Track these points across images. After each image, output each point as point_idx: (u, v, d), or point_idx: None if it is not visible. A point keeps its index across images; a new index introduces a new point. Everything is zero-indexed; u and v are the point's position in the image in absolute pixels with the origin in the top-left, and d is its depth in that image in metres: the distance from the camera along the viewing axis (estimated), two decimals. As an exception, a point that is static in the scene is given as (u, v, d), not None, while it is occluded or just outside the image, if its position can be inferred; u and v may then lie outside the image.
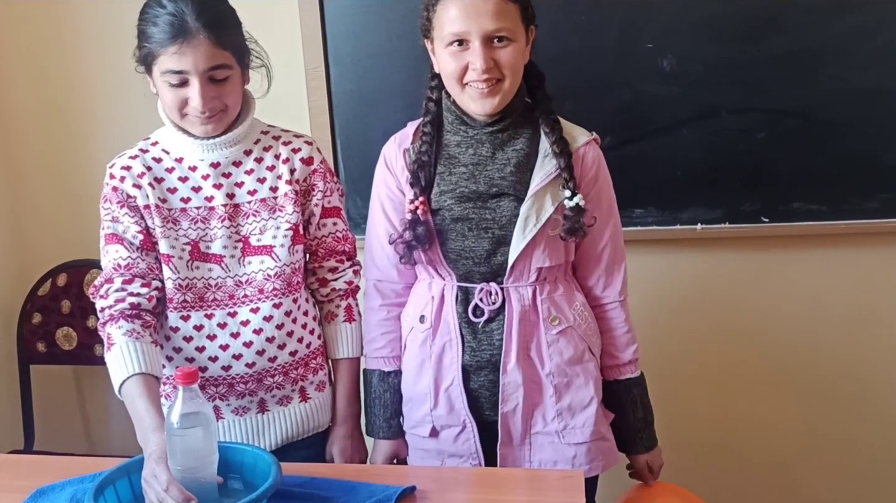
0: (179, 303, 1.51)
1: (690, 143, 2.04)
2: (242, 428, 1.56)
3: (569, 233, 1.48)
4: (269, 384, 1.56)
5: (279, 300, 1.54)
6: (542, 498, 1.33)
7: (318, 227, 1.60)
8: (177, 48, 1.39)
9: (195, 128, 1.49)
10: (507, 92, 1.45)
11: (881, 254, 2.09)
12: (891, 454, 2.20)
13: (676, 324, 2.20)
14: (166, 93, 1.44)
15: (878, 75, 1.95)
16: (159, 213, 1.50)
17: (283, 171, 1.55)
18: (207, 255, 1.51)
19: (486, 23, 1.39)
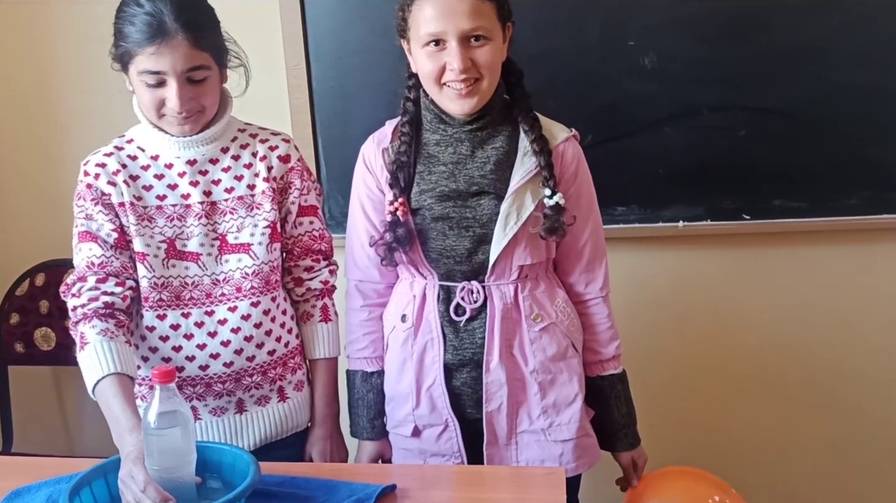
0: (155, 301, 1.49)
1: (672, 141, 2.04)
2: (220, 428, 1.55)
3: (549, 232, 1.47)
4: (248, 384, 1.55)
5: (257, 298, 1.52)
6: (524, 495, 1.33)
7: (295, 225, 1.59)
8: (154, 49, 1.37)
9: (172, 127, 1.48)
10: (485, 91, 1.45)
11: (862, 250, 2.10)
12: (873, 450, 2.21)
13: (658, 321, 2.21)
14: (143, 92, 1.43)
15: (859, 73, 1.96)
16: (134, 210, 1.49)
17: (260, 169, 1.54)
18: (184, 253, 1.50)
19: (463, 22, 1.38)
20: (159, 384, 1.19)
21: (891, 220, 2.04)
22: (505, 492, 1.34)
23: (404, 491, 1.32)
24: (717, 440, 2.25)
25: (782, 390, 2.20)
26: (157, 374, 1.18)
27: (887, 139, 2.00)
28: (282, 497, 1.30)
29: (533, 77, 1.54)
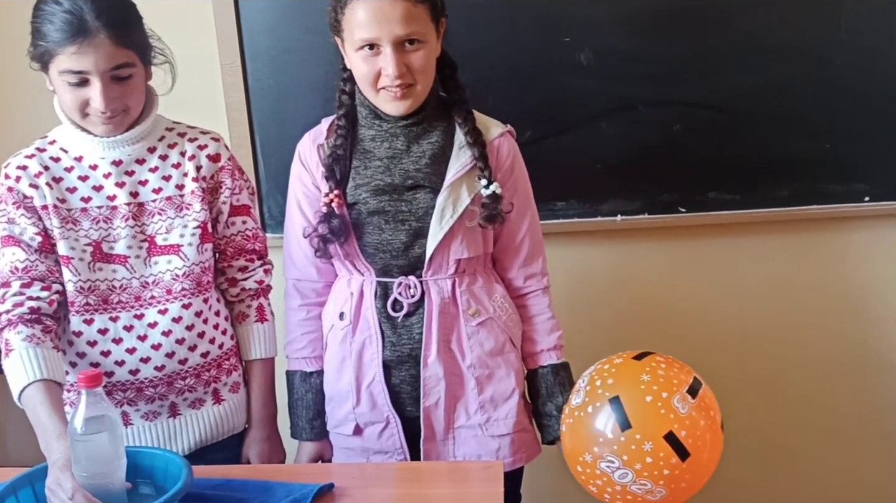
0: (82, 306, 1.46)
1: (609, 136, 2.06)
2: (153, 433, 1.52)
3: (488, 220, 1.49)
4: (180, 387, 1.52)
5: (188, 300, 1.50)
6: (463, 489, 1.34)
7: (227, 225, 1.57)
8: (76, 48, 1.34)
9: (96, 128, 1.44)
10: (419, 94, 1.45)
11: (791, 240, 2.15)
12: (804, 431, 2.27)
13: (598, 314, 2.23)
14: (65, 93, 1.39)
15: (784, 68, 2.00)
16: (57, 213, 1.45)
17: (189, 169, 1.52)
18: (111, 256, 1.47)
19: (396, 28, 1.38)
20: (85, 389, 1.16)
21: (820, 210, 2.09)
22: (443, 487, 1.35)
23: (342, 489, 1.31)
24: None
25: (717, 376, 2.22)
26: (83, 379, 1.16)
27: (814, 132, 2.05)
28: (217, 500, 1.28)
29: (470, 74, 1.55)
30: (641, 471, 1.23)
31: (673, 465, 1.23)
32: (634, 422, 1.23)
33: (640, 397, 1.25)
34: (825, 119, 2.04)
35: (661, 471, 1.23)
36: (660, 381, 1.26)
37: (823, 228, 2.14)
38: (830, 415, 2.25)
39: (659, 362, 1.31)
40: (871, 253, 2.17)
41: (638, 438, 1.22)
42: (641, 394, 1.26)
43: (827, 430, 2.26)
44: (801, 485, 2.30)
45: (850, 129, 2.05)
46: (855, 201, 2.09)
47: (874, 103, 2.03)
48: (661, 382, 1.26)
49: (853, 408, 2.25)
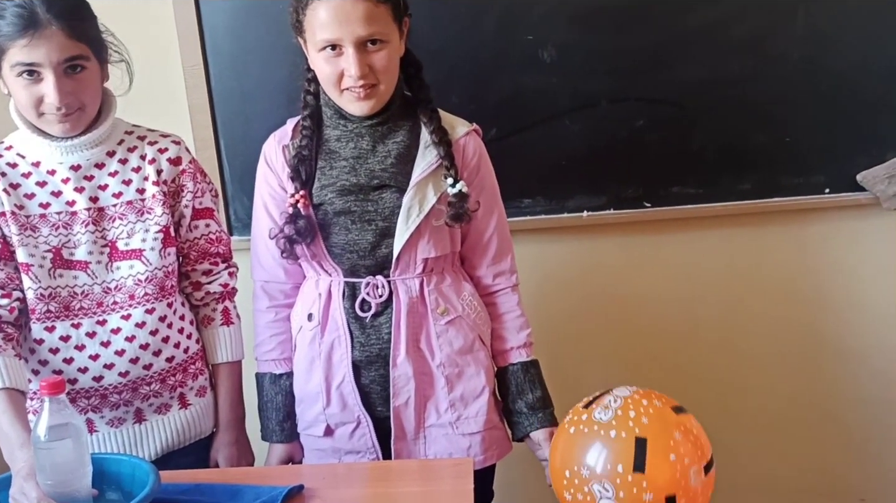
0: (42, 313, 1.44)
1: (573, 133, 2.07)
2: (119, 440, 1.51)
3: (454, 219, 1.49)
4: (146, 393, 1.51)
5: (152, 305, 1.49)
6: (433, 487, 1.34)
7: (190, 229, 1.56)
8: (27, 41, 1.32)
9: (52, 127, 1.42)
10: (383, 93, 1.45)
11: (753, 233, 2.18)
12: (765, 421, 2.30)
13: (566, 310, 2.25)
14: (19, 91, 1.37)
15: (741, 62, 2.03)
16: (16, 220, 1.42)
17: (149, 172, 1.50)
18: (71, 262, 1.45)
19: (358, 28, 1.38)
20: (48, 396, 1.15)
21: (780, 203, 2.13)
22: (413, 485, 1.35)
23: (312, 490, 1.32)
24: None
25: (682, 368, 2.27)
26: (45, 386, 1.15)
27: (773, 125, 2.08)
28: (185, 504, 1.28)
29: (433, 72, 1.55)
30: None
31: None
32: (649, 470, 1.24)
33: (666, 452, 1.25)
34: (784, 112, 2.07)
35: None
36: (688, 447, 1.28)
37: (784, 221, 2.17)
38: (790, 405, 2.29)
39: (692, 425, 1.33)
40: (830, 244, 2.20)
41: (644, 485, 1.23)
42: (668, 450, 1.26)
43: (787, 420, 2.30)
44: (759, 470, 2.33)
45: (809, 122, 2.08)
46: (814, 193, 2.13)
47: (832, 96, 2.06)
48: (689, 448, 1.28)
49: (812, 398, 2.29)
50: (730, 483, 2.33)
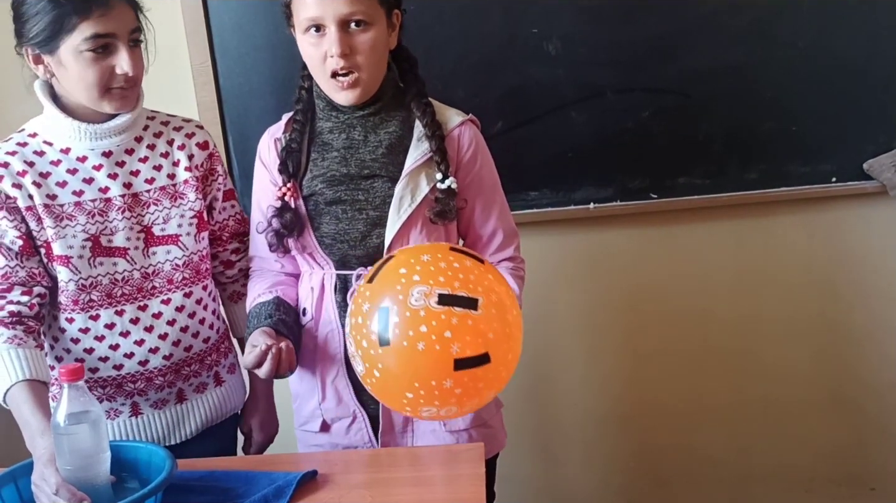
0: (86, 303, 1.45)
1: (579, 124, 2.08)
2: (162, 420, 1.54)
3: (438, 215, 1.46)
4: (187, 373, 1.54)
5: (189, 289, 1.52)
6: (447, 471, 1.34)
7: (221, 210, 1.60)
8: (102, 11, 1.33)
9: (114, 104, 1.41)
10: (367, 83, 1.44)
11: (761, 222, 2.19)
12: (777, 409, 2.31)
13: (574, 301, 2.26)
14: (86, 67, 1.36)
15: (747, 51, 2.04)
16: (49, 212, 1.42)
17: (179, 157, 1.52)
18: (111, 250, 1.45)
19: (340, 6, 1.37)
20: (67, 382, 1.17)
21: (788, 192, 2.13)
22: (426, 470, 1.36)
23: (326, 476, 1.32)
24: (632, 409, 2.32)
25: (692, 357, 2.28)
26: (64, 373, 1.16)
27: (780, 114, 2.08)
28: (201, 491, 1.29)
29: (439, 66, 1.55)
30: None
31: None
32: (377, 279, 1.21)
33: (395, 267, 1.20)
34: (791, 101, 2.08)
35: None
36: (427, 267, 1.17)
37: (791, 210, 2.18)
38: (801, 393, 2.29)
39: (455, 258, 1.20)
40: (838, 233, 2.20)
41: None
42: (397, 265, 1.21)
43: (798, 408, 2.30)
44: (771, 457, 2.34)
45: (816, 111, 2.08)
46: (822, 182, 2.13)
47: (839, 84, 2.06)
48: (428, 269, 1.17)
49: (822, 386, 2.29)
50: (741, 470, 2.35)
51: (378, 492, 1.28)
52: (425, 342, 1.12)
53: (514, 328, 1.20)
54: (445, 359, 1.13)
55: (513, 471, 1.88)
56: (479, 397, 1.20)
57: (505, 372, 1.20)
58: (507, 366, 1.20)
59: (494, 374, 1.17)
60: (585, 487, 2.37)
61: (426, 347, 1.12)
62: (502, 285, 1.24)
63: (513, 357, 1.21)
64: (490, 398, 1.26)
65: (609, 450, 2.36)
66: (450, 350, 1.12)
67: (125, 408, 1.51)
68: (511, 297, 1.24)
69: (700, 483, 2.36)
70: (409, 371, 1.16)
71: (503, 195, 1.59)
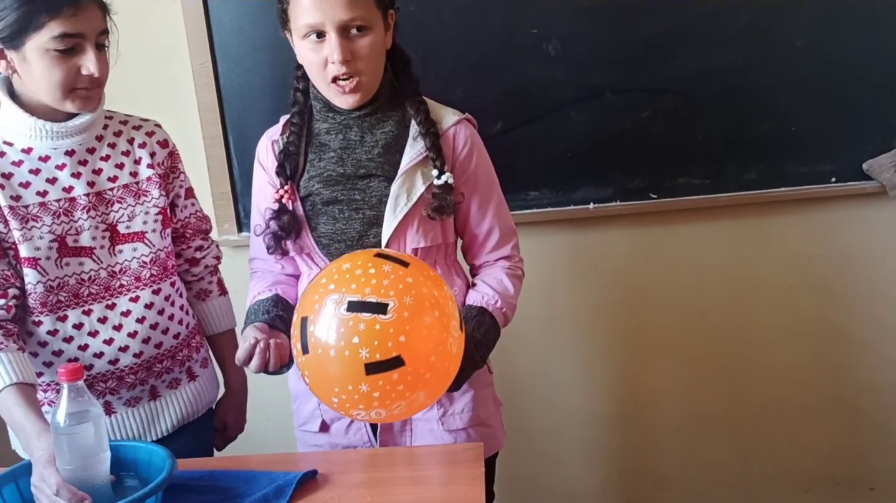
0: (53, 304, 1.44)
1: (578, 125, 2.09)
2: (136, 418, 1.54)
3: (437, 211, 1.46)
4: (159, 370, 1.55)
5: (158, 286, 1.52)
6: (446, 471, 1.35)
7: (182, 208, 1.61)
8: (73, 10, 1.32)
9: (76, 104, 1.39)
10: (367, 86, 1.44)
11: (760, 223, 2.19)
12: (776, 410, 2.31)
13: (573, 301, 2.26)
14: (51, 67, 1.34)
15: (746, 51, 2.04)
16: (14, 214, 1.40)
17: (141, 155, 1.52)
18: (77, 249, 1.45)
19: (340, 13, 1.37)
20: (67, 382, 1.17)
21: (787, 192, 2.14)
22: (425, 469, 1.36)
23: (326, 476, 1.33)
24: (631, 409, 2.33)
25: (690, 358, 2.28)
26: (63, 373, 1.17)
27: (779, 115, 2.09)
28: (202, 490, 1.29)
29: (438, 66, 1.55)
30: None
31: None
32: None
33: (320, 277, 1.24)
34: (790, 101, 2.08)
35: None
36: (344, 276, 1.20)
37: (790, 210, 2.18)
38: (799, 393, 2.30)
39: (374, 263, 1.21)
40: (837, 233, 2.21)
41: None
42: (322, 275, 1.25)
43: (796, 409, 2.31)
44: (770, 458, 2.34)
45: (815, 111, 2.09)
46: (821, 182, 2.13)
47: (838, 84, 2.07)
48: (344, 277, 1.19)
49: (820, 387, 2.29)
50: (741, 471, 2.35)
51: (377, 491, 1.28)
52: (336, 349, 1.16)
53: (436, 330, 1.20)
54: (356, 364, 1.15)
55: (512, 471, 1.88)
56: (405, 400, 1.20)
57: (429, 374, 1.19)
58: (432, 368, 1.19)
59: (414, 377, 1.17)
60: (585, 488, 2.38)
61: (337, 354, 1.16)
62: (429, 287, 1.22)
63: (438, 358, 1.19)
64: (425, 401, 1.25)
65: (608, 450, 2.36)
66: (359, 355, 1.15)
67: None
68: (438, 300, 1.22)
69: (699, 484, 2.36)
70: (326, 377, 1.20)
71: (500, 194, 1.59)
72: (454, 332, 1.23)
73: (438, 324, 1.20)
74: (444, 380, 1.25)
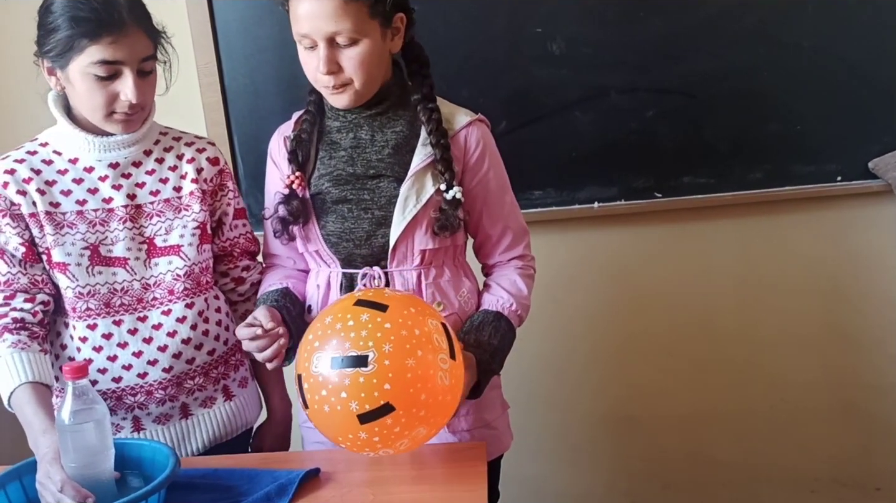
0: (83, 311, 1.45)
1: (583, 124, 2.09)
2: (165, 437, 1.51)
3: (442, 228, 1.46)
4: (190, 387, 1.52)
5: (191, 300, 1.51)
6: (448, 469, 1.35)
7: (231, 227, 1.59)
8: (113, 38, 1.34)
9: (115, 126, 1.42)
10: (360, 91, 1.43)
11: (765, 222, 2.19)
12: (783, 411, 2.30)
13: (578, 301, 2.26)
14: (91, 90, 1.37)
15: (751, 52, 2.04)
16: (50, 219, 1.43)
17: (187, 170, 1.52)
18: (109, 259, 1.46)
19: (325, 25, 1.36)
20: (72, 380, 1.18)
21: (792, 191, 2.13)
22: (428, 468, 1.36)
23: (328, 474, 1.33)
24: (637, 410, 2.32)
25: (696, 358, 2.28)
26: (68, 371, 1.17)
27: (784, 114, 2.08)
28: (205, 489, 1.29)
29: (443, 67, 1.54)
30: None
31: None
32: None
33: (308, 333, 1.28)
34: (795, 101, 2.07)
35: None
36: (326, 331, 1.23)
37: (796, 209, 2.17)
38: (805, 393, 2.29)
39: (353, 313, 1.24)
40: (843, 232, 2.20)
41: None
42: (310, 330, 1.28)
43: (803, 409, 2.30)
44: (777, 459, 2.33)
45: (821, 110, 2.08)
46: (827, 182, 2.13)
47: (843, 84, 2.06)
48: (326, 333, 1.23)
49: (827, 387, 2.29)
50: (747, 472, 2.34)
51: (380, 490, 1.28)
52: (329, 404, 1.20)
53: (422, 369, 1.21)
54: (349, 416, 1.19)
55: (518, 472, 1.88)
56: (406, 438, 1.23)
57: (423, 411, 1.22)
58: (425, 406, 1.21)
59: (409, 418, 1.20)
60: (590, 489, 2.37)
61: (330, 409, 1.20)
62: (409, 328, 1.23)
63: (429, 395, 1.22)
64: (428, 433, 1.27)
65: (614, 451, 2.35)
66: (349, 408, 1.19)
67: (127, 422, 1.49)
68: (420, 339, 1.23)
69: (705, 485, 2.36)
70: (328, 428, 1.26)
71: (512, 194, 1.58)
72: (443, 365, 1.24)
73: (424, 363, 1.22)
74: (441, 412, 1.27)
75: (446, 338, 1.27)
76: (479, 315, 1.49)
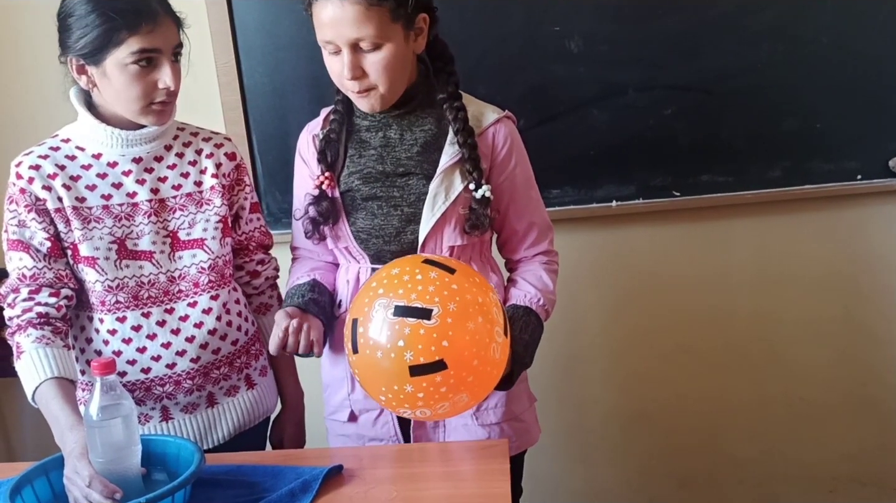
0: (112, 304, 1.47)
1: (600, 122, 2.08)
2: (193, 425, 1.54)
3: (473, 227, 1.47)
4: (216, 376, 1.55)
5: (216, 292, 1.53)
6: (467, 467, 1.35)
7: (247, 221, 1.62)
8: (150, 27, 1.37)
9: (150, 118, 1.45)
10: (385, 95, 1.44)
11: (784, 220, 2.18)
12: (801, 409, 2.30)
13: (596, 299, 2.26)
14: (131, 81, 1.39)
15: (770, 48, 2.03)
16: (78, 214, 1.45)
17: (207, 165, 1.55)
18: (136, 253, 1.48)
19: (347, 31, 1.37)
20: (100, 376, 1.19)
21: (812, 190, 2.12)
22: (450, 465, 1.36)
23: (351, 471, 1.33)
24: (655, 408, 2.32)
25: (714, 357, 2.27)
26: (96, 367, 1.19)
27: (804, 112, 2.07)
28: (228, 485, 1.30)
29: (460, 64, 1.54)
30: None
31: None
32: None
33: (371, 281, 1.29)
34: (815, 98, 2.07)
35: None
36: (392, 281, 1.24)
37: (816, 208, 2.16)
38: (825, 392, 2.28)
39: (422, 269, 1.25)
40: (863, 231, 2.19)
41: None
42: (373, 279, 1.30)
43: (822, 408, 2.29)
44: (795, 457, 2.33)
45: (840, 108, 2.07)
46: (847, 180, 2.12)
47: (863, 81, 2.05)
48: (392, 282, 1.24)
49: (847, 385, 2.28)
50: (765, 469, 2.34)
51: (403, 487, 1.29)
52: (383, 351, 1.21)
53: (479, 335, 1.23)
54: (401, 366, 1.20)
55: (536, 468, 1.88)
56: (448, 401, 1.24)
57: (472, 377, 1.23)
58: (475, 372, 1.23)
59: (457, 380, 1.21)
60: (608, 485, 2.37)
61: (383, 355, 1.21)
62: (474, 294, 1.25)
63: (481, 362, 1.23)
64: (469, 402, 1.28)
65: (631, 448, 2.35)
66: (403, 358, 1.19)
67: (155, 412, 1.52)
68: (483, 306, 1.25)
69: (722, 483, 2.35)
70: (374, 376, 1.26)
71: (538, 191, 1.60)
72: (498, 338, 1.26)
73: (482, 330, 1.23)
74: (486, 383, 1.28)
75: (503, 315, 1.29)
76: (509, 310, 1.50)
